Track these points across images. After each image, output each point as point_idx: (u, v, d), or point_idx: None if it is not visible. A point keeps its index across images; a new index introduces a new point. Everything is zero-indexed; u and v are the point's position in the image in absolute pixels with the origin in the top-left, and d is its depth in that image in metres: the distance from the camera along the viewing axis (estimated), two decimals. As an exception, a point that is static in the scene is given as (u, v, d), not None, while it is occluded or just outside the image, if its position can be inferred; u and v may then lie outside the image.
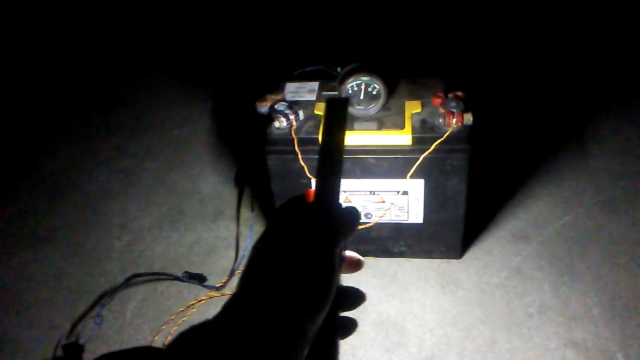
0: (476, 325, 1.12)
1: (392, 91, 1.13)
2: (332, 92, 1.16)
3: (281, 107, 1.09)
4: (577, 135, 1.54)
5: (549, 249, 1.25)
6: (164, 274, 1.27)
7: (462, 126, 1.05)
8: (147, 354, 0.33)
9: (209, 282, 1.25)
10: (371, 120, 1.10)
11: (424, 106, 1.10)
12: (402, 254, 1.26)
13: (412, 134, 1.06)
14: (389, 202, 1.15)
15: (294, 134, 1.08)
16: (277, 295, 0.35)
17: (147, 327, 1.18)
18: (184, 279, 1.25)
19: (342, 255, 0.40)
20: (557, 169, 1.44)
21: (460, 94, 1.07)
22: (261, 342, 0.32)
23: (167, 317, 1.19)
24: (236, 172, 1.53)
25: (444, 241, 1.22)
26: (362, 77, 1.08)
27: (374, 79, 1.08)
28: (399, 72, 1.18)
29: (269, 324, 0.33)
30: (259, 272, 0.37)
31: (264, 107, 1.12)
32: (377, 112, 1.11)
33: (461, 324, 1.13)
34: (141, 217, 1.44)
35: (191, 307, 1.21)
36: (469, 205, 1.15)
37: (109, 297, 1.21)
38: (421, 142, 1.06)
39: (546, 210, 1.34)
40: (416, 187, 1.12)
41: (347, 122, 0.44)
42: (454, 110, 1.04)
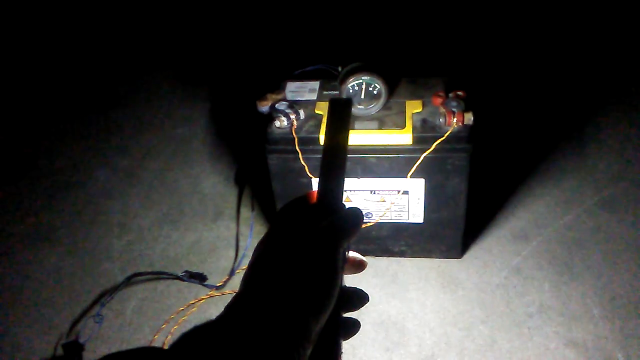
0: (476, 324, 1.12)
1: (392, 91, 1.13)
2: (333, 91, 1.16)
3: (282, 106, 1.09)
4: (577, 135, 1.54)
5: (549, 248, 1.25)
6: (164, 273, 1.27)
7: (463, 126, 1.05)
8: (150, 354, 0.33)
9: (209, 282, 1.25)
10: (372, 119, 1.10)
11: (424, 106, 1.11)
12: (402, 254, 1.26)
13: (413, 134, 1.06)
14: (389, 201, 1.15)
15: (294, 134, 1.08)
16: (280, 295, 0.35)
17: (147, 326, 1.18)
18: (184, 278, 1.25)
19: (345, 256, 0.40)
20: (557, 169, 1.44)
21: (461, 93, 1.07)
22: (264, 342, 0.32)
23: (167, 316, 1.19)
24: (236, 171, 1.53)
25: (444, 241, 1.22)
26: (363, 77, 1.08)
27: (374, 79, 1.08)
28: (400, 72, 1.18)
29: (271, 324, 0.33)
30: (261, 272, 0.37)
31: (264, 106, 1.12)
32: (378, 112, 1.11)
33: (461, 323, 1.13)
34: (141, 216, 1.44)
35: (191, 306, 1.21)
36: (469, 204, 1.15)
37: (109, 296, 1.21)
38: (422, 141, 1.06)
39: (546, 210, 1.34)
40: (417, 187, 1.12)
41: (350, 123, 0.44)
42: (454, 109, 1.04)
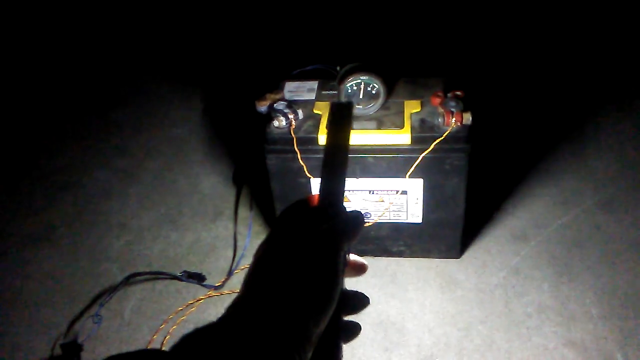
0: (475, 324, 1.12)
1: (391, 90, 1.13)
2: (331, 91, 1.16)
3: (280, 106, 1.09)
4: (576, 135, 1.54)
5: (548, 248, 1.25)
6: (163, 273, 1.27)
7: (462, 126, 1.05)
8: (152, 356, 0.33)
9: (207, 282, 1.25)
10: (370, 119, 1.09)
11: (423, 106, 1.10)
12: (401, 254, 1.26)
13: (412, 134, 1.06)
14: (388, 201, 1.15)
15: (293, 133, 1.08)
16: (280, 297, 0.35)
17: (145, 326, 1.18)
18: (183, 278, 1.25)
19: (345, 259, 0.40)
20: (556, 169, 1.44)
21: (459, 93, 1.07)
22: (264, 344, 0.32)
23: (165, 317, 1.19)
24: (234, 171, 1.53)
25: (443, 241, 1.22)
26: (362, 77, 1.08)
27: (373, 79, 1.08)
28: (399, 72, 1.18)
29: (272, 327, 0.33)
30: (262, 274, 0.37)
31: (263, 106, 1.12)
32: (377, 112, 1.10)
33: (460, 323, 1.13)
34: (140, 216, 1.44)
35: (190, 306, 1.21)
36: (468, 204, 1.15)
37: (107, 296, 1.21)
38: (420, 141, 1.06)
39: (545, 210, 1.34)
40: (415, 187, 1.12)
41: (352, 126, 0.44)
42: (453, 109, 1.04)
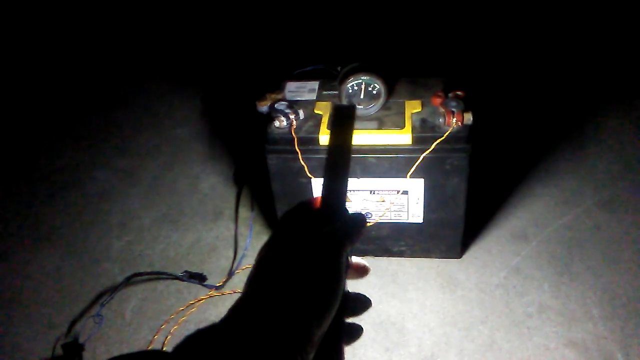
0: (476, 324, 1.12)
1: (392, 91, 1.13)
2: (332, 91, 1.16)
3: (281, 106, 1.09)
4: (577, 135, 1.54)
5: (549, 248, 1.25)
6: (164, 274, 1.27)
7: (462, 126, 1.05)
8: (154, 357, 0.33)
9: (208, 282, 1.25)
10: (371, 119, 1.09)
11: (424, 106, 1.10)
12: (401, 254, 1.26)
13: (412, 134, 1.06)
14: (389, 201, 1.15)
15: (294, 134, 1.08)
16: (283, 298, 0.35)
17: (146, 326, 1.18)
18: (184, 279, 1.25)
19: (348, 260, 0.40)
20: (557, 169, 1.44)
21: (460, 93, 1.07)
22: (266, 345, 0.33)
23: (166, 317, 1.19)
24: (234, 171, 1.53)
25: (443, 241, 1.22)
26: (363, 77, 1.08)
27: (374, 79, 1.08)
28: (399, 72, 1.18)
29: (274, 327, 0.33)
30: (265, 275, 0.37)
31: (264, 106, 1.12)
32: (377, 112, 1.11)
33: (461, 323, 1.13)
34: (141, 216, 1.44)
35: (191, 306, 1.21)
36: (468, 204, 1.15)
37: (108, 297, 1.21)
38: (421, 141, 1.06)
39: (546, 210, 1.34)
40: (416, 187, 1.12)
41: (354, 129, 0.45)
42: (454, 109, 1.04)
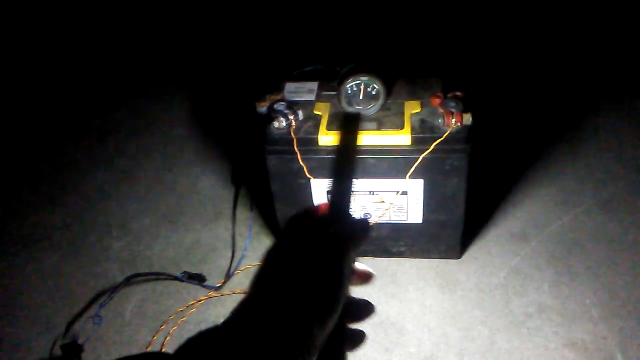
0: (475, 325, 1.12)
1: (391, 91, 1.13)
2: (331, 92, 1.16)
3: (280, 107, 1.09)
4: (576, 135, 1.54)
5: (548, 249, 1.25)
6: (163, 274, 1.27)
7: (462, 126, 1.05)
8: (156, 359, 0.33)
9: (208, 282, 1.25)
10: (370, 120, 1.09)
11: (423, 106, 1.10)
12: (401, 254, 1.26)
13: (412, 134, 1.06)
14: (388, 202, 1.15)
15: (293, 134, 1.08)
16: (286, 300, 0.35)
17: (146, 327, 1.18)
18: (183, 279, 1.25)
19: (352, 265, 0.40)
20: (556, 169, 1.44)
21: (459, 94, 1.07)
22: (269, 348, 0.33)
23: (166, 317, 1.19)
24: (232, 172, 1.53)
25: (443, 241, 1.22)
26: (362, 77, 1.08)
27: (373, 79, 1.08)
28: (398, 72, 1.18)
29: (278, 329, 0.33)
30: (269, 277, 0.38)
31: (263, 107, 1.12)
32: (377, 112, 1.10)
33: (460, 323, 1.13)
34: (140, 217, 1.44)
35: (190, 307, 1.21)
36: (468, 205, 1.15)
37: (107, 297, 1.21)
38: (420, 142, 1.06)
39: (545, 210, 1.34)
40: (415, 187, 1.12)
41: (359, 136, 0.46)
42: (453, 110, 1.04)
